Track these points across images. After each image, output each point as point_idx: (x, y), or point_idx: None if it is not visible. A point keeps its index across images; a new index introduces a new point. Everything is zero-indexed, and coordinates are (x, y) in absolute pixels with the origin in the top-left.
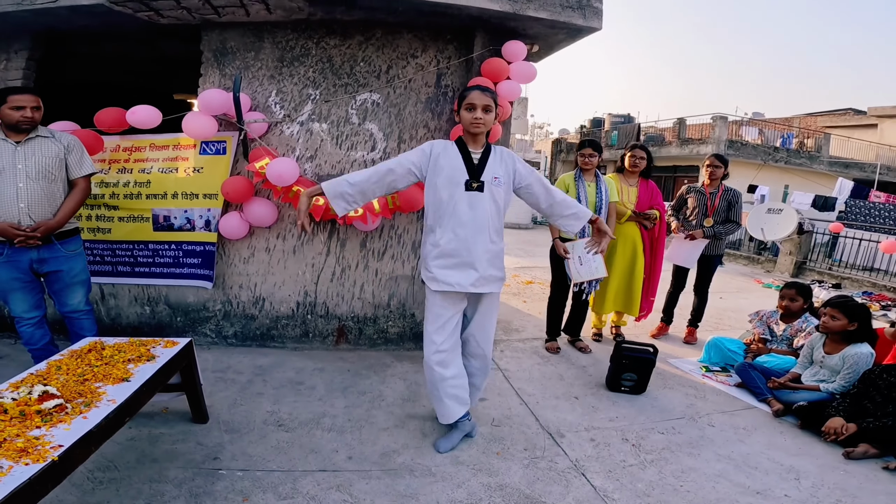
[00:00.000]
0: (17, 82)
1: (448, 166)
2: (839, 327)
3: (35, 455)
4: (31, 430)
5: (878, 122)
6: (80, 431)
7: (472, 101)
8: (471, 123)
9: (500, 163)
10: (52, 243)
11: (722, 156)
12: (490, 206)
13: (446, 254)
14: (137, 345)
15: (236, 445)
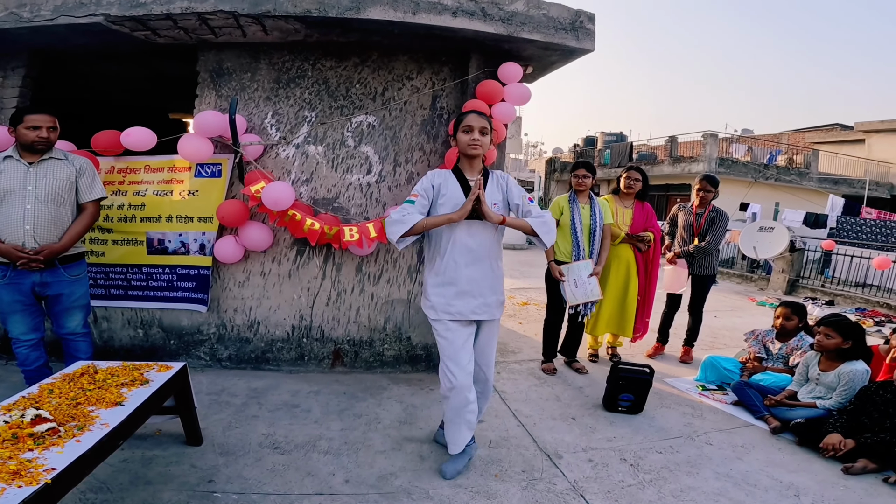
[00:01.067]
0: (13, 100)
1: (449, 197)
2: (833, 345)
3: (28, 478)
4: (23, 453)
5: (865, 136)
6: (74, 455)
7: (470, 124)
8: (468, 145)
9: (497, 188)
10: (55, 267)
11: (713, 178)
12: (490, 234)
13: (447, 282)
14: (131, 369)
15: (231, 468)
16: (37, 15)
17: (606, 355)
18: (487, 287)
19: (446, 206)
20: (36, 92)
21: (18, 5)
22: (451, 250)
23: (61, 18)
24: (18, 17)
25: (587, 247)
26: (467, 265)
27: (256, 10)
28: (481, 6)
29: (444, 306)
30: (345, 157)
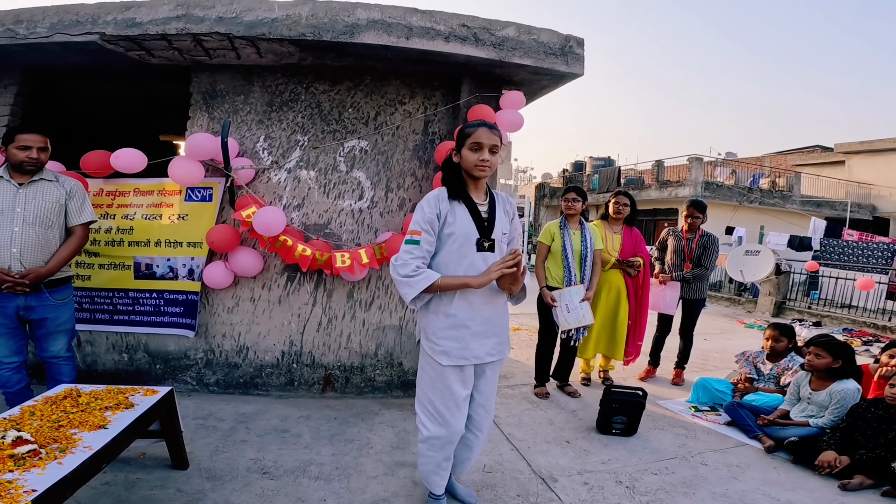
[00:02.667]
0: (4, 118)
1: (457, 227)
2: (824, 365)
3: (8, 499)
4: (3, 474)
5: (845, 158)
6: (55, 477)
7: (480, 140)
8: (475, 166)
9: (504, 215)
10: (40, 291)
11: (700, 203)
12: None
13: (461, 324)
14: (116, 392)
15: (218, 493)
16: (33, 32)
17: (598, 379)
18: (503, 325)
19: (456, 239)
20: (27, 110)
21: (15, 21)
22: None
23: (57, 36)
24: (14, 33)
25: (578, 272)
26: (484, 303)
27: (251, 32)
28: (473, 31)
29: (460, 350)
30: (337, 183)
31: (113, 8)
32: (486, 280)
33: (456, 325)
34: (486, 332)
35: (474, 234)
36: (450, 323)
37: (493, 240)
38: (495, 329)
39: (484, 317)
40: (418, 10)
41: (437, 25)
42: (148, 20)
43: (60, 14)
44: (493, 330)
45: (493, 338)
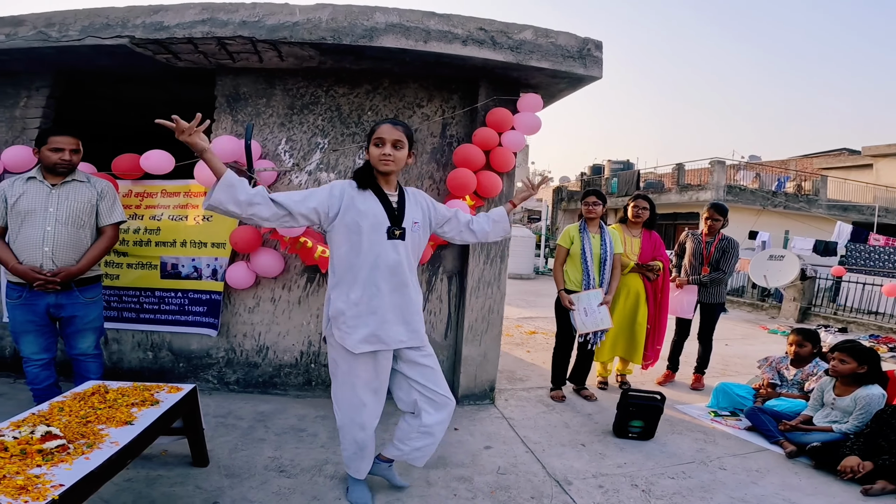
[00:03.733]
0: (36, 120)
1: (368, 212)
2: (849, 370)
3: (35, 493)
4: (31, 469)
5: (872, 161)
6: (82, 472)
7: (381, 136)
8: (379, 160)
9: (416, 206)
10: (70, 289)
11: (721, 206)
12: (412, 255)
13: (371, 311)
14: (141, 389)
15: (237, 490)
16: (65, 35)
17: (616, 383)
18: (416, 312)
19: (364, 223)
20: (58, 112)
21: (47, 24)
22: (373, 274)
23: (88, 39)
24: (47, 36)
25: (597, 276)
26: (393, 290)
27: (273, 36)
28: (490, 35)
29: (367, 335)
30: None
31: (141, 11)
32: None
33: (366, 313)
34: (399, 319)
35: (385, 223)
36: (357, 311)
37: (403, 228)
38: (410, 317)
39: (396, 304)
40: (436, 14)
41: (454, 29)
42: (175, 24)
43: (91, 17)
44: (408, 318)
45: (409, 325)
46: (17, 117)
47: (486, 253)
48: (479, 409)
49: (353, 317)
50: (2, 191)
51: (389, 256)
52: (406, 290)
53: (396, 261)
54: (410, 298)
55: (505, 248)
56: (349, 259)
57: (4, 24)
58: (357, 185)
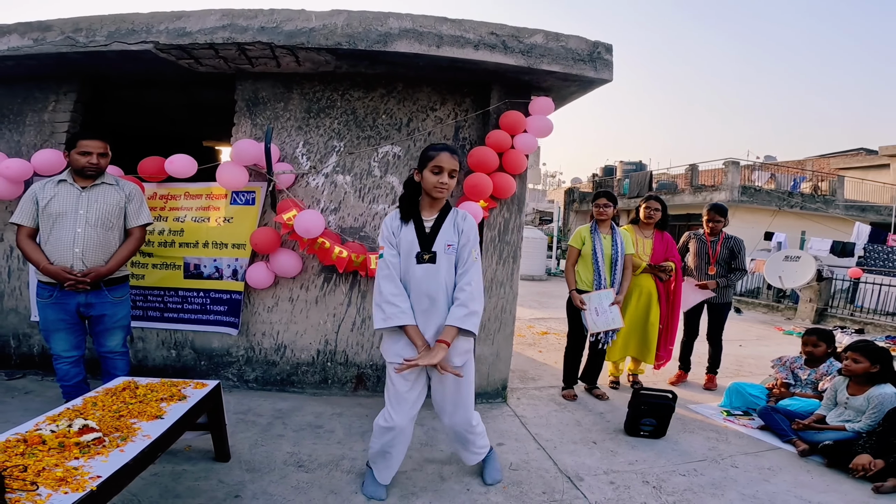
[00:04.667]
0: (64, 124)
1: (405, 241)
2: (862, 370)
3: (74, 484)
4: (69, 461)
5: (890, 161)
6: (118, 464)
7: (440, 164)
8: (434, 187)
9: (453, 228)
10: (100, 289)
11: (721, 207)
12: (446, 276)
13: (398, 330)
14: (169, 385)
15: (257, 484)
16: (92, 40)
17: (628, 382)
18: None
19: (402, 250)
20: (85, 116)
21: (74, 30)
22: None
23: (115, 45)
24: (75, 41)
25: (608, 276)
26: (421, 311)
27: (291, 41)
28: (502, 39)
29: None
30: (371, 187)
31: (165, 17)
32: (430, 361)
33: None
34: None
35: (414, 247)
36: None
37: (433, 252)
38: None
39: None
40: (448, 19)
41: (466, 34)
42: (197, 30)
43: (117, 23)
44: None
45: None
46: (45, 121)
47: (498, 253)
48: (492, 407)
49: (391, 331)
50: (33, 193)
51: (419, 279)
52: (435, 310)
53: (426, 282)
54: (439, 319)
55: (517, 249)
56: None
57: (32, 29)
58: (401, 218)
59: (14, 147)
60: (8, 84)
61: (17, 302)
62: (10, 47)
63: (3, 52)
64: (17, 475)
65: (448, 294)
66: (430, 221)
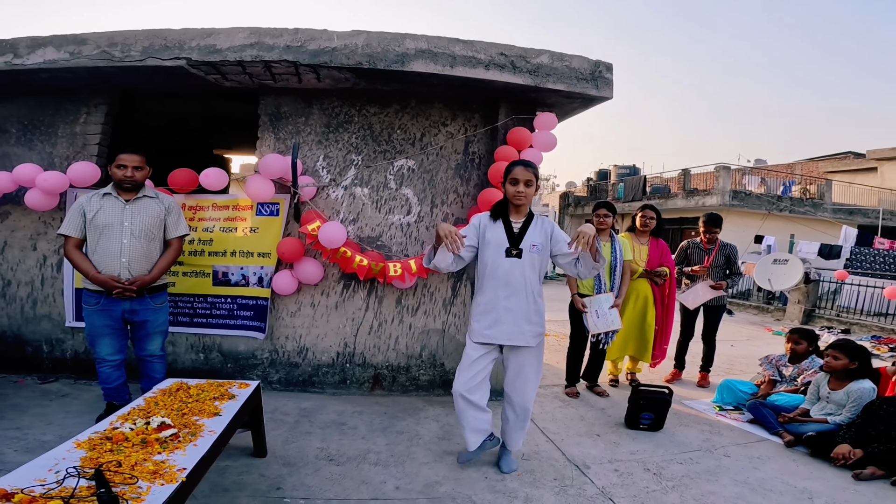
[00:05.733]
0: (96, 136)
1: (494, 237)
2: (841, 366)
3: (167, 476)
4: (154, 455)
5: (877, 164)
6: (196, 456)
7: (516, 177)
8: (514, 196)
9: (539, 231)
10: (143, 296)
11: (716, 217)
12: (528, 270)
13: (486, 311)
14: (216, 385)
15: (295, 477)
16: (127, 55)
17: (626, 380)
18: (523, 317)
19: (489, 245)
20: (115, 129)
21: (109, 44)
22: (492, 283)
23: (149, 60)
24: (110, 56)
25: (608, 281)
26: (506, 297)
27: (315, 60)
28: (510, 59)
29: (481, 330)
30: (387, 199)
31: (196, 34)
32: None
33: (483, 312)
34: (504, 320)
35: (504, 243)
36: (480, 309)
37: (520, 249)
38: (513, 320)
39: (506, 307)
40: (460, 40)
41: (477, 54)
42: (226, 47)
43: (150, 38)
44: (511, 320)
45: (511, 326)
46: (77, 133)
47: None
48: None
49: (477, 313)
50: (80, 206)
51: (507, 271)
52: (518, 298)
53: (512, 274)
54: (522, 306)
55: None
56: (481, 271)
57: (68, 42)
58: (491, 216)
59: (46, 159)
60: (39, 96)
61: (51, 308)
62: (47, 60)
63: (39, 64)
64: (114, 470)
65: (526, 286)
66: (517, 224)
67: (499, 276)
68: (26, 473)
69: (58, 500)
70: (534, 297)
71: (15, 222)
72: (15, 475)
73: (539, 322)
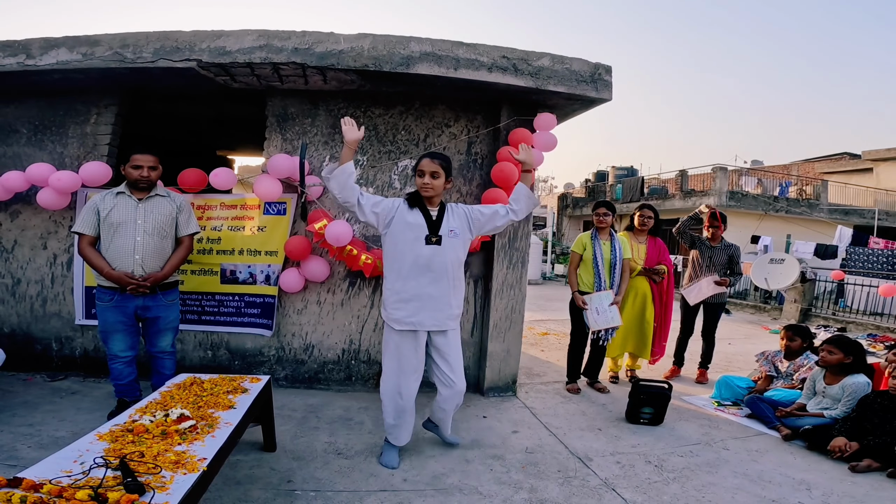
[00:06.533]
0: (106, 137)
1: (411, 225)
2: (836, 360)
3: (189, 466)
4: (175, 446)
5: (872, 165)
6: (215, 447)
7: (422, 168)
8: (421, 187)
9: (454, 216)
10: (155, 293)
11: (720, 215)
12: (448, 256)
13: (409, 298)
14: (229, 380)
15: (305, 470)
16: (139, 56)
17: (626, 377)
18: (446, 302)
19: (409, 234)
20: (124, 129)
21: (122, 46)
22: (412, 270)
23: (161, 62)
24: (122, 57)
25: (608, 278)
26: (427, 283)
27: (323, 62)
28: (513, 62)
29: (406, 317)
30: None
31: (206, 36)
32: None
33: (405, 300)
34: (430, 306)
35: (423, 231)
36: (398, 298)
37: (440, 235)
38: (439, 305)
39: (430, 294)
40: (464, 43)
41: (480, 57)
42: (236, 49)
43: (162, 40)
44: (438, 305)
45: (438, 311)
46: (88, 133)
47: (509, 258)
48: (504, 399)
49: (396, 301)
50: (94, 204)
51: (427, 258)
52: (441, 283)
53: (432, 260)
54: (445, 291)
55: (525, 255)
56: (396, 257)
57: (80, 44)
58: (408, 204)
59: (57, 159)
60: (50, 97)
61: (61, 307)
62: (59, 61)
63: (52, 65)
64: (137, 460)
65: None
66: (434, 211)
67: (420, 263)
68: (52, 465)
69: (87, 490)
70: (454, 281)
71: (25, 221)
72: (41, 467)
73: (458, 305)
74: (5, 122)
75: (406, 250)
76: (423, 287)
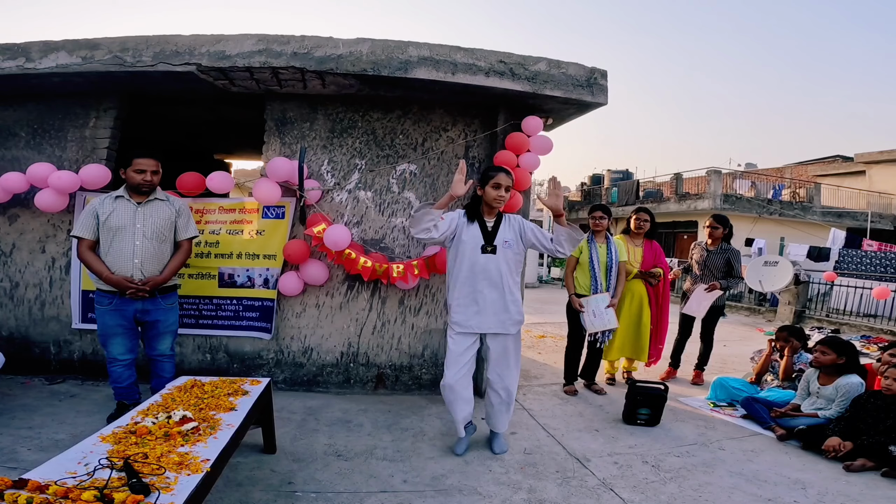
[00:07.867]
0: (105, 140)
1: (470, 237)
2: (829, 361)
3: (192, 467)
4: (178, 448)
5: (865, 168)
6: (218, 448)
7: (499, 182)
8: (494, 199)
9: (509, 228)
10: (154, 297)
11: (722, 217)
12: (502, 264)
13: (468, 303)
14: (229, 382)
15: (305, 472)
16: (139, 60)
17: (623, 379)
18: (501, 308)
19: (465, 242)
20: (124, 133)
21: (121, 49)
22: (470, 277)
23: (160, 66)
24: (122, 61)
25: (604, 281)
26: (483, 289)
27: (322, 67)
28: (510, 67)
29: (464, 320)
30: (390, 202)
31: (206, 40)
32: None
33: (463, 305)
34: (485, 310)
35: (480, 242)
36: (458, 303)
37: (494, 245)
38: (493, 310)
39: (485, 299)
40: (461, 48)
41: (478, 62)
42: (235, 53)
43: (161, 44)
44: (491, 311)
45: (492, 316)
46: (87, 137)
47: None
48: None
49: (457, 306)
50: (93, 208)
51: (484, 267)
52: (495, 290)
53: (488, 268)
54: (499, 297)
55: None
56: (457, 266)
57: (80, 47)
58: (466, 216)
59: (56, 162)
60: (48, 100)
61: (59, 310)
62: (59, 64)
63: (52, 68)
64: (141, 461)
65: (502, 279)
66: (490, 223)
67: (477, 271)
68: (56, 466)
69: (93, 491)
70: (510, 288)
71: (24, 225)
72: (45, 468)
73: (517, 311)
74: (4, 125)
75: (464, 259)
76: (480, 293)
